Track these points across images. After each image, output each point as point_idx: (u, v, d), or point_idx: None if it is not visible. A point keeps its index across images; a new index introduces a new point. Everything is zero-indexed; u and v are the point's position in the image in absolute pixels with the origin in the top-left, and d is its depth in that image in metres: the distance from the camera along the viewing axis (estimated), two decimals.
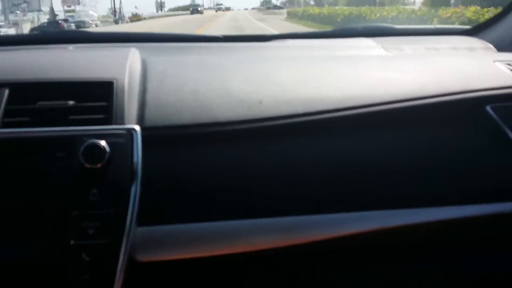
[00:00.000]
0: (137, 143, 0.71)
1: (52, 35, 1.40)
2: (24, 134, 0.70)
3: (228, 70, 0.90)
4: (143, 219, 0.69)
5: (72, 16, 42.17)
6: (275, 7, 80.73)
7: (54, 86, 0.78)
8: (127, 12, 74.17)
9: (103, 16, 48.09)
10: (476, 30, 1.30)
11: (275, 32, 2.06)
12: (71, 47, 1.09)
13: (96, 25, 40.26)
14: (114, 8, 46.76)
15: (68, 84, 0.78)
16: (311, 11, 27.11)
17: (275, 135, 0.78)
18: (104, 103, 0.74)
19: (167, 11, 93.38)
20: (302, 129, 0.79)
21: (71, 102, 0.74)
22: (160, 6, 74.93)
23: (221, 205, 0.74)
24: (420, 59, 1.04)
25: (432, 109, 0.84)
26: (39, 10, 39.48)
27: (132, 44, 1.08)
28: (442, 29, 1.54)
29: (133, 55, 0.89)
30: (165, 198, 0.73)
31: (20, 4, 36.64)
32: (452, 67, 0.96)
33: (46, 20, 37.61)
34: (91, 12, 56.78)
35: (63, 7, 41.67)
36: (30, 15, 36.76)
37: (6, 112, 0.72)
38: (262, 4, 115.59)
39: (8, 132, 0.70)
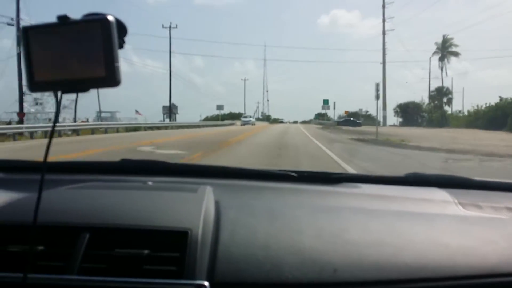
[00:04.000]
0: None
1: (132, 163, 1.39)
2: (99, 283, 0.73)
3: (299, 223, 0.89)
4: None
5: None
6: (353, 122, 53.53)
7: (132, 232, 0.81)
8: (127, 117, 50.65)
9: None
10: None
11: None
12: (150, 182, 1.14)
13: None
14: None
15: (145, 231, 0.81)
16: None
17: None
18: (177, 254, 0.77)
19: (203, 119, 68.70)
20: None
21: (146, 251, 0.77)
22: (169, 112, 48.79)
23: None
24: (501, 225, 0.97)
25: None
26: None
27: (205, 180, 1.18)
28: None
29: (208, 198, 0.95)
30: None
31: None
32: None
33: None
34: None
35: None
36: None
37: (85, 257, 0.76)
38: (317, 117, 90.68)
39: (85, 280, 0.74)
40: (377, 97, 20.90)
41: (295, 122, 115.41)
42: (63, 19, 0.65)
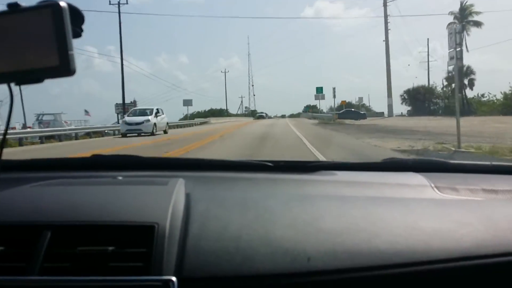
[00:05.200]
0: None
1: (103, 158, 1.36)
2: (62, 283, 0.71)
3: (272, 213, 0.87)
4: None
5: None
6: (356, 114, 42.25)
7: (97, 229, 0.78)
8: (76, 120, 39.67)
9: None
10: None
11: None
12: (120, 176, 1.12)
13: None
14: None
15: (110, 227, 0.78)
16: None
17: None
18: (144, 250, 0.75)
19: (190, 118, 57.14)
20: (350, 286, 0.76)
21: (110, 248, 0.75)
22: (123, 112, 37.01)
23: None
24: (477, 207, 0.98)
25: (491, 269, 0.79)
26: None
27: (179, 173, 1.17)
28: (500, 166, 1.36)
29: (178, 191, 0.92)
30: None
31: None
32: (511, 219, 0.91)
33: None
34: None
35: None
36: None
37: (47, 257, 0.73)
38: (307, 109, 79.92)
39: (46, 281, 0.71)
40: (457, 64, 9.82)
41: (283, 116, 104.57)
42: (13, 7, 0.62)
